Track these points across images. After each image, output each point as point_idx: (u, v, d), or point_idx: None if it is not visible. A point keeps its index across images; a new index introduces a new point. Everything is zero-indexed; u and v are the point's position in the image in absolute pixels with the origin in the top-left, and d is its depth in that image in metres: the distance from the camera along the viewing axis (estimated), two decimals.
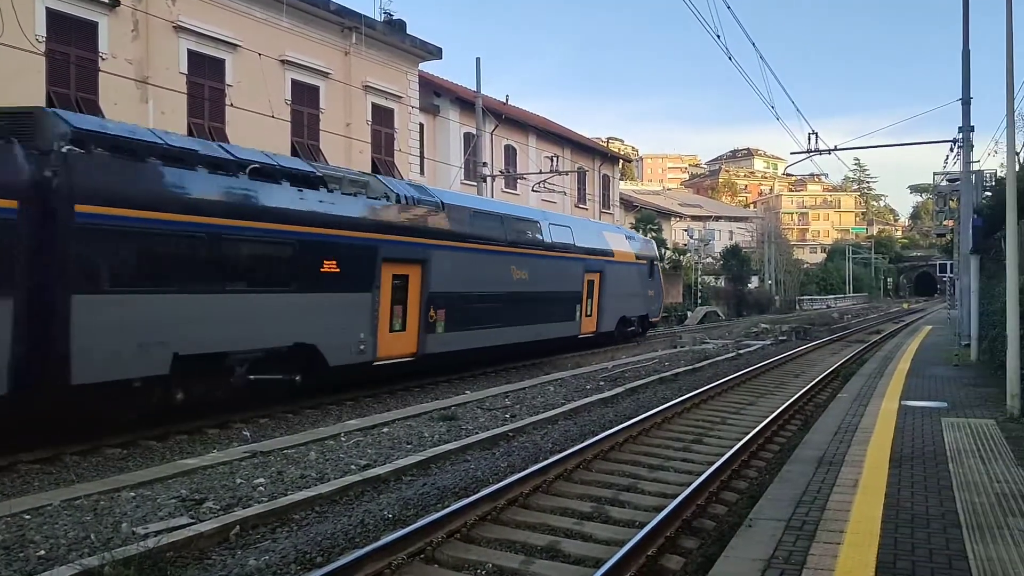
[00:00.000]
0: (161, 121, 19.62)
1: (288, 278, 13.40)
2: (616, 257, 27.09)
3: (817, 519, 6.27)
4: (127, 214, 10.80)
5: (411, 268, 16.45)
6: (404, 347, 16.45)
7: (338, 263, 14.30)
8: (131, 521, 7.16)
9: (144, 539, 6.53)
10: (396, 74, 28.67)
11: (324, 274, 14.05)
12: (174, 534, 6.64)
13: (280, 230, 13.21)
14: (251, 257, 12.83)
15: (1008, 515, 6.35)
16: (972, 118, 22.24)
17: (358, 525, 7.21)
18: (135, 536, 6.70)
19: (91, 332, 10.33)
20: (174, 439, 11.46)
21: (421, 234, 16.84)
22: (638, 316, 29.31)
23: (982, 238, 19.09)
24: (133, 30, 19.74)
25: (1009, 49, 11.42)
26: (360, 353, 14.99)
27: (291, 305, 13.46)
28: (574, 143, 45.45)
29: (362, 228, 15.04)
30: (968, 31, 21.55)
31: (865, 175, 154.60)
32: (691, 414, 13.46)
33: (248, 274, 12.74)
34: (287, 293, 13.37)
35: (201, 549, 6.59)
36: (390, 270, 15.75)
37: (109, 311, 10.61)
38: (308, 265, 13.74)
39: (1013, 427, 10.31)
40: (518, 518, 7.55)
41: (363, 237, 15.00)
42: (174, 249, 11.53)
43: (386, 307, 15.75)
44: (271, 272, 13.20)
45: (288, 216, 13.37)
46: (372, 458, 9.77)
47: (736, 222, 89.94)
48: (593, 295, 25.21)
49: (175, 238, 11.52)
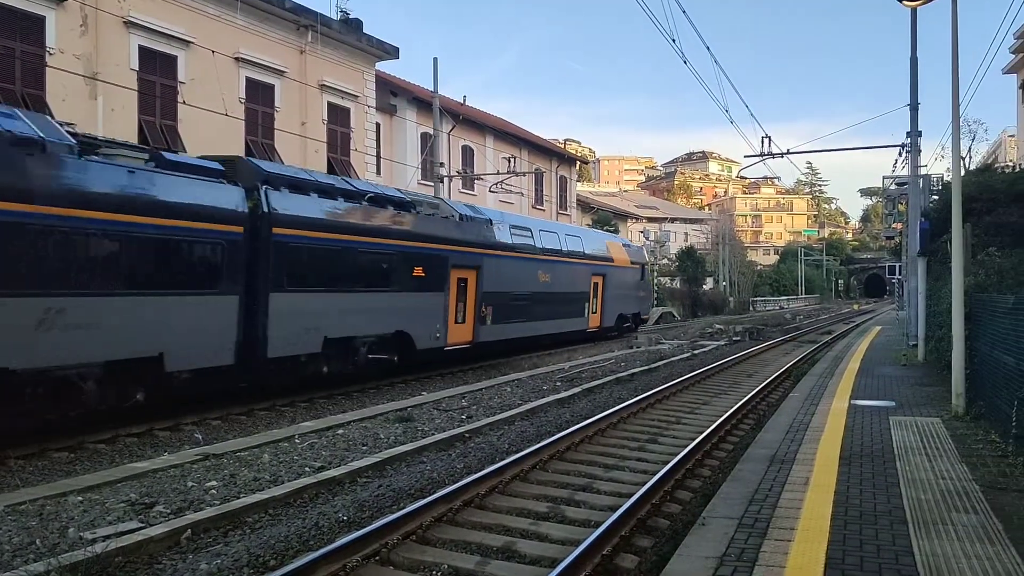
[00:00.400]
0: (111, 118, 19.27)
1: (392, 281, 17.18)
2: (615, 263, 31.03)
3: (769, 517, 6.36)
4: (301, 234, 14.52)
5: (469, 272, 20.32)
6: (464, 335, 20.34)
7: (423, 269, 18.12)
8: (78, 526, 7.02)
9: (92, 544, 6.42)
10: (352, 73, 28.48)
11: (415, 278, 17.86)
12: (123, 539, 6.52)
13: (388, 244, 17.04)
14: (371, 265, 16.51)
15: (952, 511, 6.51)
16: (920, 123, 22.74)
17: (312, 527, 7.15)
18: (83, 541, 6.57)
19: (279, 320, 13.92)
20: (123, 442, 11.26)
21: (476, 245, 20.70)
22: (632, 313, 33.25)
23: (929, 241, 19.46)
24: (82, 25, 19.34)
25: (955, 58, 11.70)
26: (437, 340, 18.95)
27: (393, 301, 17.26)
28: (531, 144, 45.55)
29: (438, 241, 18.79)
30: (916, 39, 22.04)
31: (817, 178, 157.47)
32: (646, 414, 13.56)
33: (369, 278, 16.44)
34: (391, 292, 17.16)
35: (151, 554, 6.48)
36: (455, 274, 19.61)
37: (290, 305, 14.23)
38: (405, 271, 17.57)
39: (958, 425, 10.56)
40: (474, 519, 7.55)
41: (439, 248, 18.80)
42: (325, 259, 15.13)
43: (453, 304, 19.61)
44: (382, 276, 16.90)
45: (392, 233, 17.18)
46: (327, 460, 9.70)
47: (691, 224, 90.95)
48: (598, 295, 29.11)
49: (326, 251, 15.15)
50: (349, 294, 15.81)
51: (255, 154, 22.48)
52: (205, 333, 12.80)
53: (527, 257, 23.65)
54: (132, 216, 11.46)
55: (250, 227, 13.45)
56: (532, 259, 23.95)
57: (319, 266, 14.93)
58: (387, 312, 17.01)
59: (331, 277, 15.30)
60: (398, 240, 17.31)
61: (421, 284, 18.04)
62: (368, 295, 16.38)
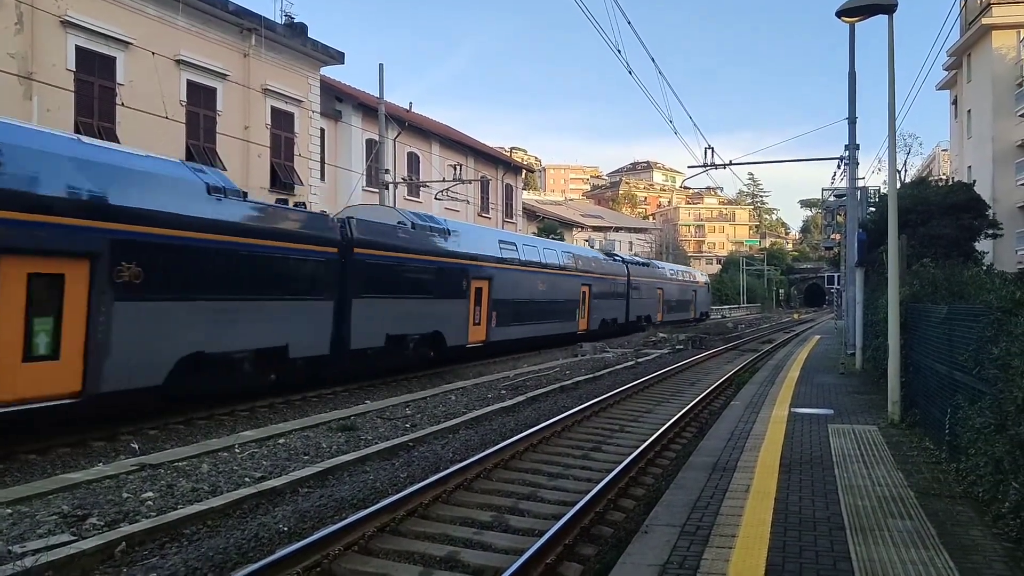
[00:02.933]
0: (47, 119, 18.77)
1: (432, 289, 20.96)
2: (600, 275, 35.85)
3: (711, 524, 6.42)
4: (372, 253, 18.22)
5: (483, 283, 24.10)
6: (480, 335, 24.09)
7: (452, 280, 22.07)
8: (7, 539, 6.78)
9: (21, 558, 6.21)
10: (297, 78, 28.20)
11: (446, 287, 21.70)
12: (54, 552, 6.30)
13: (429, 260, 20.95)
14: (420, 276, 20.43)
15: (888, 517, 6.64)
16: (858, 137, 23.33)
17: (252, 539, 7.01)
18: (11, 555, 6.35)
19: (359, 320, 17.51)
20: (56, 452, 10.91)
21: (489, 260, 24.78)
22: (613, 319, 37.68)
23: (867, 251, 19.90)
24: (17, 23, 18.84)
25: (891, 74, 11.98)
26: (461, 338, 22.72)
27: (432, 306, 21.02)
28: (477, 152, 45.58)
29: (461, 257, 22.82)
30: (854, 55, 22.61)
31: (759, 189, 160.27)
32: (591, 422, 13.61)
33: (418, 287, 20.26)
34: (431, 299, 20.92)
35: (84, 568, 6.28)
36: (473, 284, 23.40)
37: (365, 309, 17.76)
38: (439, 282, 21.34)
39: (894, 432, 10.79)
40: (417, 528, 7.48)
41: (463, 263, 22.82)
42: (387, 273, 18.81)
43: (471, 308, 23.36)
44: (427, 286, 20.71)
45: (431, 251, 21.18)
46: (268, 470, 9.53)
47: (636, 233, 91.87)
48: (585, 303, 33.62)
49: (388, 267, 18.86)
50: (403, 300, 19.59)
51: (195, 158, 22.12)
52: (313, 329, 16.38)
53: (530, 270, 27.93)
54: (274, 241, 15.26)
55: (341, 249, 17.17)
56: (534, 272, 28.20)
57: (383, 278, 18.62)
58: (428, 315, 20.80)
59: (391, 287, 18.96)
60: (435, 257, 21.31)
61: (450, 292, 22.03)
62: (416, 301, 20.19)
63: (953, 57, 50.23)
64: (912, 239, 19.31)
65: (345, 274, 17.15)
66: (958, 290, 10.54)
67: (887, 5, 11.92)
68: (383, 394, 17.05)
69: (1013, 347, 6.31)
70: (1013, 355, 6.26)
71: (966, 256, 21.45)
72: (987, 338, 7.13)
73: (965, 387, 7.92)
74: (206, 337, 13.49)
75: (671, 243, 77.54)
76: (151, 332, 12.41)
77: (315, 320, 16.38)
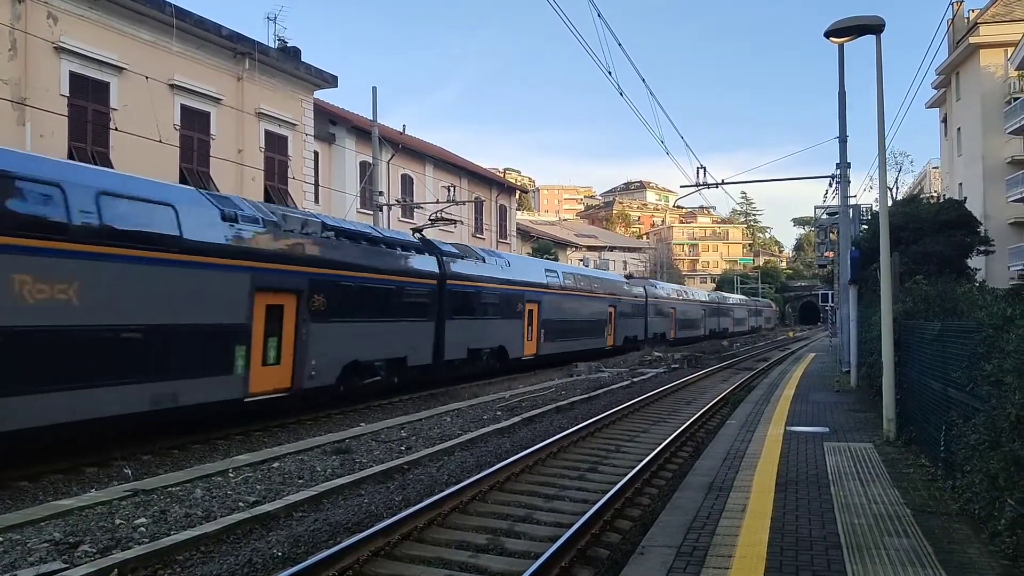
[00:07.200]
0: (40, 144, 18.80)
1: (499, 311, 25.49)
2: (624, 296, 40.53)
3: (707, 544, 6.39)
4: (459, 283, 22.67)
5: (534, 305, 28.46)
6: (532, 349, 28.56)
7: (512, 304, 26.53)
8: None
9: None
10: (290, 101, 28.30)
11: (509, 308, 26.22)
12: None
13: (499, 288, 25.44)
14: (490, 302, 24.82)
15: (885, 535, 6.62)
16: (849, 155, 23.51)
17: (246, 564, 6.96)
18: None
19: (450, 337, 21.85)
20: (48, 479, 10.83)
21: (539, 286, 29.19)
22: (634, 335, 41.79)
23: (860, 269, 19.94)
24: (11, 49, 18.90)
25: (880, 93, 12.08)
26: (519, 351, 27.23)
27: (500, 325, 25.65)
28: (471, 173, 45.69)
29: (518, 285, 27.18)
30: (843, 74, 22.77)
31: (751, 208, 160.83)
32: (586, 442, 13.57)
33: (490, 309, 24.80)
34: (499, 319, 25.52)
35: None
36: (526, 306, 27.77)
37: (454, 327, 22.15)
38: (504, 305, 25.87)
39: (889, 450, 10.79)
40: (412, 552, 7.43)
41: (520, 289, 27.28)
42: (469, 299, 23.22)
43: (525, 326, 27.69)
44: (495, 309, 25.21)
45: (498, 280, 25.54)
46: (262, 494, 9.47)
47: (630, 252, 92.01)
48: (612, 321, 38.15)
49: (470, 294, 23.32)
50: (479, 320, 24.02)
51: (189, 181, 22.11)
52: (422, 344, 20.67)
53: (568, 293, 32.22)
54: (402, 277, 19.76)
55: (439, 281, 21.38)
56: (572, 295, 32.57)
57: (465, 303, 22.98)
58: (496, 332, 25.30)
59: (471, 310, 23.40)
60: (500, 285, 25.58)
61: (512, 314, 26.47)
62: (488, 321, 24.65)
63: (942, 76, 50.63)
64: (905, 256, 19.37)
65: (442, 300, 21.46)
66: (951, 307, 10.57)
67: (874, 25, 12.04)
68: (377, 416, 16.98)
69: (1005, 364, 6.32)
70: (1005, 372, 6.27)
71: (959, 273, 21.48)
72: (979, 355, 7.14)
73: (959, 404, 7.92)
74: (360, 349, 17.78)
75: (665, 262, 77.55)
76: (330, 345, 16.62)
77: (423, 337, 20.70)
